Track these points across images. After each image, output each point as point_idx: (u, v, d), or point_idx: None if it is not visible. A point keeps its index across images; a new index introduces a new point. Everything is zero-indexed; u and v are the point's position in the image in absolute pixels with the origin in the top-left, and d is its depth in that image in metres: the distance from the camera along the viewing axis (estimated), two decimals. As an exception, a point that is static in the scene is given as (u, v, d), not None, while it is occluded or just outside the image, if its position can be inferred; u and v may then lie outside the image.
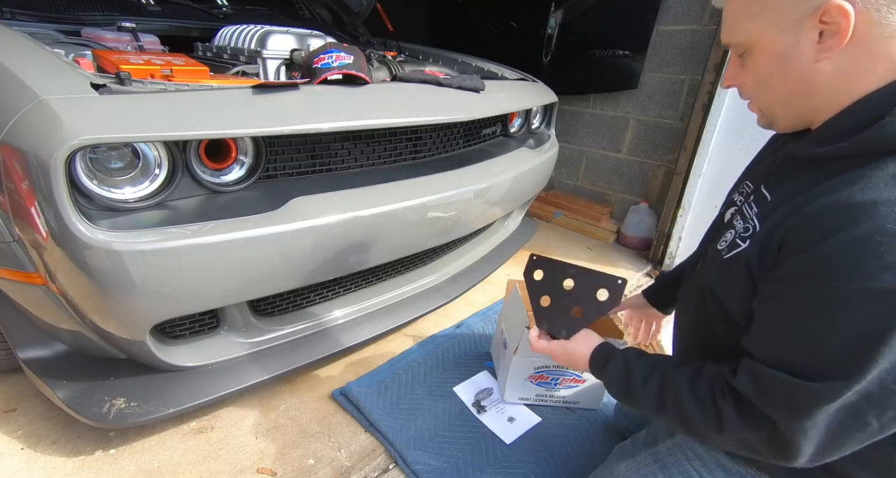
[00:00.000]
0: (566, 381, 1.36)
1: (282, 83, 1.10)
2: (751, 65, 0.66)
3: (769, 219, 0.64)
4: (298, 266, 1.09)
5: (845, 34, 0.56)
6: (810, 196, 0.59)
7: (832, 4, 0.55)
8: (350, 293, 1.44)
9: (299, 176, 1.17)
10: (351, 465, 1.18)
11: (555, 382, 1.36)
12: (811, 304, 0.57)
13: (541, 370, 1.34)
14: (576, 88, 2.66)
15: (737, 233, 0.71)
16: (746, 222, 0.70)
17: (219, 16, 1.89)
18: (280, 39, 1.43)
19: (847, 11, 0.54)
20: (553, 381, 1.35)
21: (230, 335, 1.20)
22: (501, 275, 2.08)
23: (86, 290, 0.89)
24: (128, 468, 1.12)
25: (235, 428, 1.25)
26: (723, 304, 0.72)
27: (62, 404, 1.02)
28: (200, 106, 0.94)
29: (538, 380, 1.35)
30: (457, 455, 1.20)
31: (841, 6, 0.54)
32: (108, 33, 1.43)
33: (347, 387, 1.38)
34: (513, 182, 1.56)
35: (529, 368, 1.33)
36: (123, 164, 0.91)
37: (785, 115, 0.68)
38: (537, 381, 1.35)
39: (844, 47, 0.57)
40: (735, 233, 0.72)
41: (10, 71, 0.88)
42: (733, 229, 0.73)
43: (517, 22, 2.82)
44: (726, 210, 0.83)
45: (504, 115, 1.79)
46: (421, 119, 1.23)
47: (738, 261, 0.68)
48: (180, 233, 0.89)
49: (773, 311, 0.61)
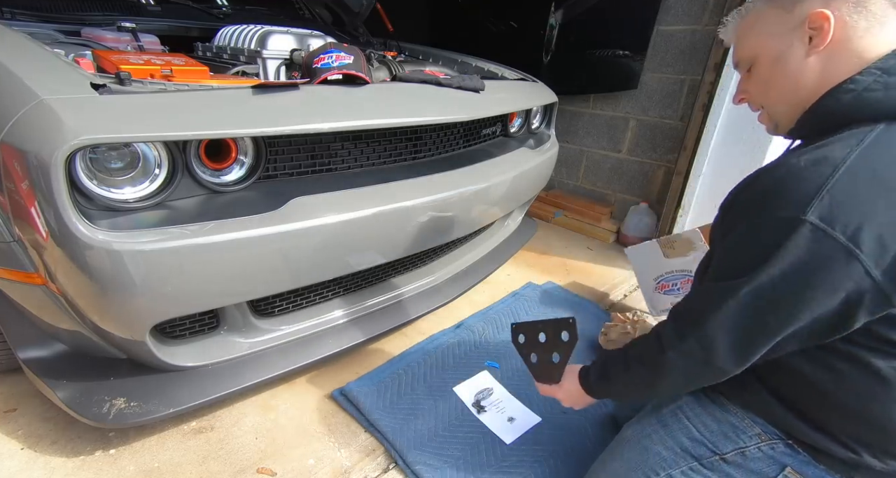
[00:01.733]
0: (684, 283, 1.53)
1: (282, 83, 1.10)
2: (756, 72, 0.79)
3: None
4: (298, 266, 1.09)
5: (828, 34, 0.69)
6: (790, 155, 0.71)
7: (816, 12, 0.69)
8: (350, 293, 1.44)
9: (299, 176, 1.17)
10: (351, 465, 1.18)
11: (676, 287, 1.53)
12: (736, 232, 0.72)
13: (659, 279, 1.61)
14: (576, 88, 2.66)
15: None
16: None
17: (219, 16, 1.89)
18: (280, 39, 1.43)
19: (828, 16, 0.68)
20: (674, 287, 1.54)
21: (230, 335, 1.20)
22: (501, 275, 2.08)
23: (86, 290, 0.89)
24: (128, 468, 1.12)
25: (235, 428, 1.25)
26: None
27: (62, 404, 1.02)
28: (200, 106, 0.94)
29: (664, 289, 1.59)
30: (457, 455, 1.20)
31: (823, 12, 0.69)
32: (108, 33, 1.43)
33: (347, 387, 1.38)
34: (513, 182, 1.56)
35: (651, 281, 1.61)
36: (123, 164, 0.91)
37: (787, 114, 0.78)
38: (664, 290, 1.59)
39: (826, 46, 0.70)
40: None
41: (10, 71, 0.88)
42: None
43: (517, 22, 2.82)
44: None
45: (504, 116, 1.79)
46: (421, 119, 1.23)
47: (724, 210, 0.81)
48: (180, 233, 0.89)
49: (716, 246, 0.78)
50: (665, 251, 1.59)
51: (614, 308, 1.95)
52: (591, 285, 2.09)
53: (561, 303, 1.89)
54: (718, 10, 2.14)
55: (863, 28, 0.68)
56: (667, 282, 1.60)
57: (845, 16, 0.68)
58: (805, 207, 0.61)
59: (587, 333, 1.72)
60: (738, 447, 0.84)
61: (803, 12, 0.70)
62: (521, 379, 1.48)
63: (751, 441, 0.83)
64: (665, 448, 0.91)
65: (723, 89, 2.04)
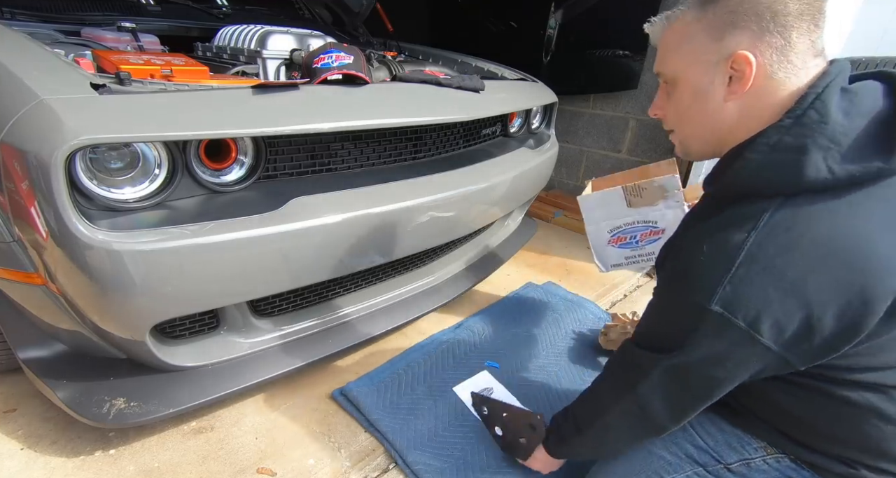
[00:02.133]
0: (645, 235, 1.39)
1: (282, 83, 1.10)
2: (675, 97, 0.76)
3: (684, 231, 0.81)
4: (298, 266, 1.09)
5: (748, 80, 0.66)
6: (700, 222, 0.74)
7: (740, 54, 0.65)
8: (350, 293, 1.44)
9: (299, 176, 1.17)
10: (351, 465, 1.18)
11: (635, 240, 1.39)
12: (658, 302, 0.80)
13: (615, 232, 1.41)
14: (576, 88, 2.66)
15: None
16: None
17: (219, 16, 1.89)
18: (280, 39, 1.43)
19: (751, 61, 0.65)
20: (633, 239, 1.39)
21: (230, 335, 1.20)
22: (501, 275, 2.08)
23: (86, 290, 0.89)
24: (128, 468, 1.12)
25: (235, 428, 1.25)
26: None
27: (62, 404, 1.02)
28: (200, 106, 0.94)
29: (619, 242, 1.41)
30: (457, 455, 1.20)
31: (746, 56, 0.65)
32: (108, 33, 1.43)
33: (347, 387, 1.38)
34: (513, 182, 1.56)
35: (604, 233, 1.42)
36: (123, 164, 0.91)
37: (699, 148, 0.79)
38: (618, 243, 1.42)
39: (746, 92, 0.67)
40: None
41: (10, 71, 0.88)
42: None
43: (517, 22, 2.82)
44: None
45: (504, 116, 1.78)
46: (421, 119, 1.23)
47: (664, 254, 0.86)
48: (180, 233, 0.89)
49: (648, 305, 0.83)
50: (630, 199, 1.36)
51: (614, 308, 1.95)
52: (590, 285, 2.09)
53: (561, 302, 1.89)
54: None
55: (780, 79, 0.65)
56: (624, 234, 1.40)
57: (767, 64, 0.65)
58: (711, 296, 0.65)
59: (587, 333, 1.72)
60: (742, 458, 0.85)
61: (729, 48, 0.66)
62: (521, 379, 1.48)
63: (756, 454, 0.84)
64: (669, 453, 0.91)
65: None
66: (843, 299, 0.61)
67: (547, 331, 1.71)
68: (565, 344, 1.66)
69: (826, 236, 0.61)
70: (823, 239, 0.61)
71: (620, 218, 1.40)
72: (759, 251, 0.62)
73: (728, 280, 0.64)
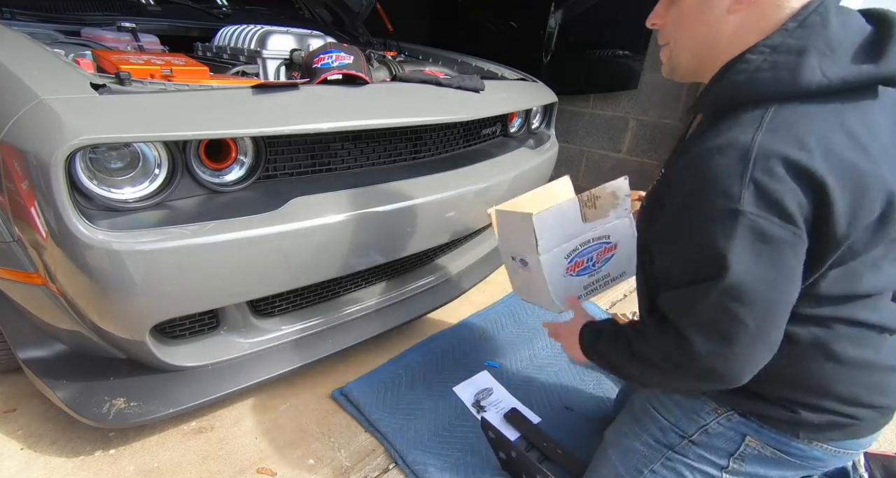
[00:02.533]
0: (600, 255, 1.17)
1: (282, 83, 1.10)
2: (679, 4, 0.74)
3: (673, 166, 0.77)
4: (298, 266, 1.09)
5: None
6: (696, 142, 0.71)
7: None
8: (349, 293, 1.44)
9: (299, 176, 1.17)
10: (351, 465, 1.18)
11: (591, 262, 1.16)
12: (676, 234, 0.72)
13: (572, 256, 1.14)
14: (576, 88, 2.66)
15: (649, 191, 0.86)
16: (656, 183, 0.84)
17: (219, 16, 1.89)
18: (280, 39, 1.43)
19: None
20: (590, 262, 1.16)
21: (230, 335, 1.19)
22: (501, 275, 2.08)
23: (86, 290, 0.89)
24: (128, 468, 1.12)
25: (235, 428, 1.25)
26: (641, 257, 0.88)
27: (62, 404, 1.02)
28: (200, 106, 0.94)
29: (577, 269, 1.16)
30: (457, 455, 1.20)
31: None
32: (108, 33, 1.43)
33: (347, 387, 1.38)
34: (513, 182, 1.56)
35: (561, 259, 1.12)
36: (123, 164, 0.91)
37: (688, 62, 0.78)
38: (576, 270, 1.16)
39: (752, 4, 0.67)
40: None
41: (10, 71, 0.88)
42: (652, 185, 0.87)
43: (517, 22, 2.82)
44: None
45: (504, 116, 1.78)
46: (421, 119, 1.23)
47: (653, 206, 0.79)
48: (180, 233, 0.89)
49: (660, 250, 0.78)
50: (585, 212, 1.12)
51: (614, 308, 1.95)
52: (591, 285, 2.08)
53: (561, 303, 1.89)
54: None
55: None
56: (581, 257, 1.14)
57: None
58: (737, 197, 0.62)
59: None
60: (700, 426, 0.86)
61: None
62: (521, 379, 1.48)
63: (709, 417, 0.85)
64: (642, 444, 0.93)
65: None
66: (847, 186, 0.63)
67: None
68: (565, 344, 1.66)
69: (825, 134, 0.63)
70: (824, 134, 0.63)
71: (577, 237, 1.12)
72: (770, 145, 0.63)
73: (749, 178, 0.62)
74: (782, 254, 0.65)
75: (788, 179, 0.62)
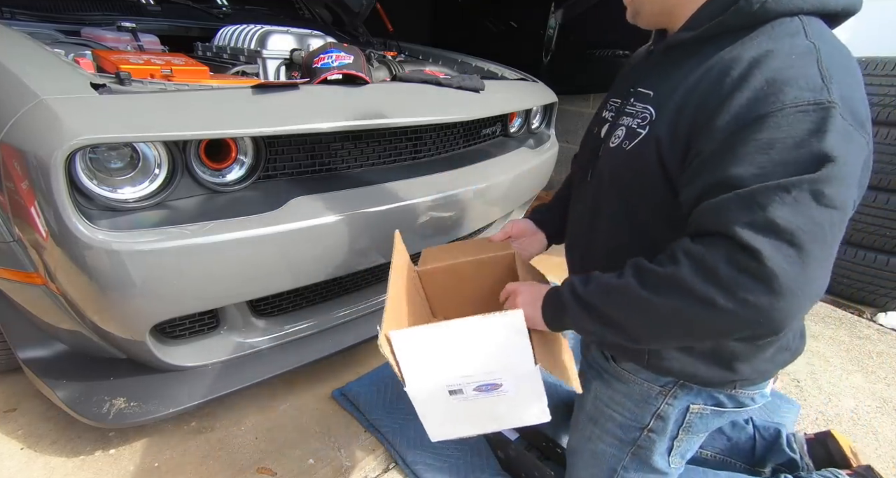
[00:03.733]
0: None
1: (282, 83, 1.10)
2: None
3: (667, 102, 0.68)
4: (298, 266, 1.09)
5: None
6: (706, 68, 0.65)
7: None
8: (350, 293, 1.44)
9: (299, 176, 1.17)
10: (351, 465, 1.18)
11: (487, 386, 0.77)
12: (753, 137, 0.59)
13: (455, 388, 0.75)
14: (576, 88, 2.66)
15: (630, 127, 0.74)
16: (637, 115, 0.73)
17: (219, 16, 1.89)
18: (280, 39, 1.43)
19: None
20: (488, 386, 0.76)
21: (230, 335, 1.19)
22: (501, 275, 2.08)
23: (86, 290, 0.89)
24: (128, 468, 1.12)
25: (235, 428, 1.25)
26: (640, 197, 0.74)
27: (62, 404, 1.02)
28: (200, 106, 0.94)
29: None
30: (457, 455, 1.20)
31: None
32: (108, 33, 1.43)
33: (347, 387, 1.38)
34: (512, 182, 1.56)
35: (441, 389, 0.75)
36: (123, 164, 0.91)
37: (651, 7, 0.74)
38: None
39: None
40: (627, 128, 0.74)
41: (10, 71, 0.88)
42: (623, 126, 0.75)
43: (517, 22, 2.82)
44: (599, 127, 0.85)
45: (504, 116, 1.78)
46: (421, 119, 1.23)
47: (645, 145, 0.70)
48: (180, 233, 0.89)
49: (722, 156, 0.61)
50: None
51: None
52: (591, 285, 2.08)
53: (561, 303, 1.89)
54: (718, 10, 2.13)
55: None
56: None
57: None
58: (822, 90, 0.57)
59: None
60: (652, 413, 0.85)
61: None
62: (521, 379, 1.48)
63: (658, 401, 0.84)
64: (607, 445, 0.92)
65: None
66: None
67: (547, 331, 1.71)
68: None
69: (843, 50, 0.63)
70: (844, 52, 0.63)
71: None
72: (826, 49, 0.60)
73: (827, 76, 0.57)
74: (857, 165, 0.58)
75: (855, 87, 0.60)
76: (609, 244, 0.82)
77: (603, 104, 0.89)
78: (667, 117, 0.68)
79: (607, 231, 0.82)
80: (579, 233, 0.90)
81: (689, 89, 0.66)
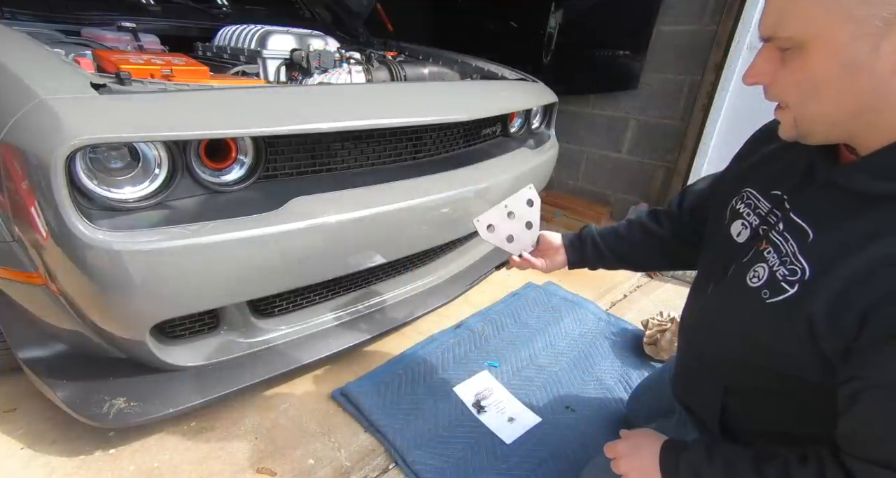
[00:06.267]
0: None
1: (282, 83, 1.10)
2: (799, 65, 0.53)
3: (828, 268, 0.55)
4: (298, 266, 1.09)
5: None
6: (886, 251, 0.50)
7: None
8: (350, 293, 1.44)
9: (299, 176, 1.17)
10: (351, 465, 1.18)
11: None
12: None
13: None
14: (576, 88, 2.66)
15: (773, 272, 0.61)
16: (787, 261, 0.60)
17: (219, 16, 1.89)
18: (280, 39, 1.44)
19: None
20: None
21: (230, 335, 1.20)
22: (501, 275, 2.08)
23: (86, 290, 0.89)
24: (128, 468, 1.12)
25: (235, 428, 1.25)
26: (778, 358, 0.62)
27: (62, 404, 1.02)
28: (200, 106, 0.94)
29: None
30: (457, 455, 1.20)
31: None
32: (108, 33, 1.43)
33: (347, 387, 1.38)
34: (513, 182, 1.56)
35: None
36: (123, 164, 0.91)
37: (828, 132, 0.57)
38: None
39: None
40: (771, 272, 0.61)
41: (10, 71, 0.88)
42: (765, 264, 0.62)
43: (517, 22, 2.82)
44: (731, 222, 0.74)
45: (504, 116, 1.78)
46: (421, 119, 1.23)
47: (791, 311, 0.57)
48: (180, 233, 0.89)
49: (876, 406, 0.51)
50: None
51: (614, 308, 1.95)
52: (590, 285, 2.08)
53: (561, 302, 1.89)
54: (718, 10, 2.14)
55: None
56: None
57: None
58: None
59: (587, 332, 1.72)
60: None
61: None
62: (521, 379, 1.48)
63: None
64: None
65: (723, 90, 2.03)
66: None
67: (547, 331, 1.71)
68: (565, 344, 1.66)
69: None
70: None
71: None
72: None
73: None
74: None
75: None
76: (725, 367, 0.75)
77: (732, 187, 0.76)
78: (827, 291, 0.54)
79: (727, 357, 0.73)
80: (697, 327, 0.81)
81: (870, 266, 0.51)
